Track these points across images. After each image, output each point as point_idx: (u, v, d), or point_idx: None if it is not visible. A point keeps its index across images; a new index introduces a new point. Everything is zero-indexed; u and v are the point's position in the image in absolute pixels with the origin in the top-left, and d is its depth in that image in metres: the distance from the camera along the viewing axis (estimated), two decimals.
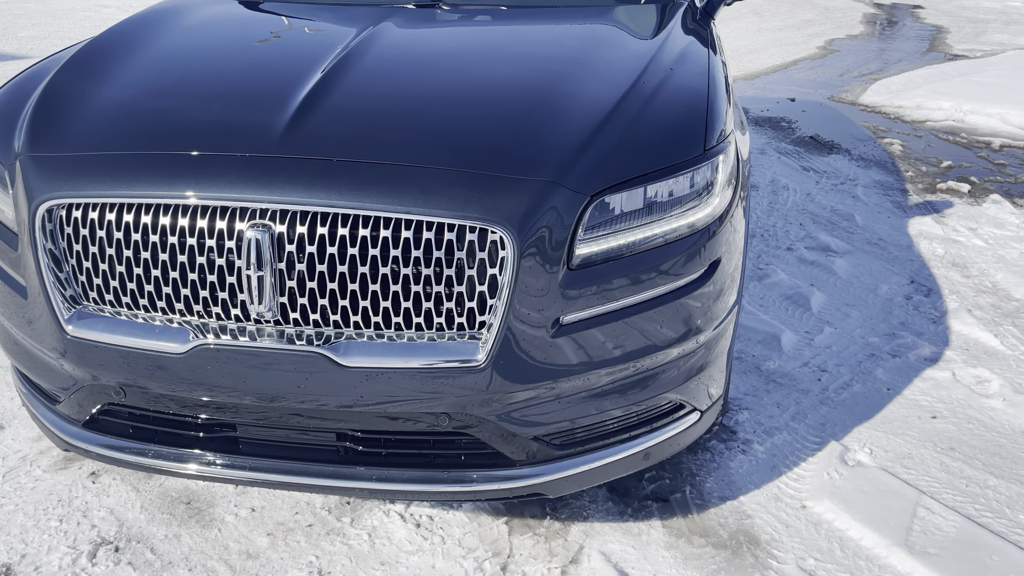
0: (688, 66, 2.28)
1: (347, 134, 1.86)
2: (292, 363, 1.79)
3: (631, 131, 1.94)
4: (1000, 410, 2.92)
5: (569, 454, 1.98)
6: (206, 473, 1.97)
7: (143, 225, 1.79)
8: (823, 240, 4.39)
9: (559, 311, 1.79)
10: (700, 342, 2.02)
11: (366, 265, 1.74)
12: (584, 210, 1.79)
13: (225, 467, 1.96)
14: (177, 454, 1.99)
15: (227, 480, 1.98)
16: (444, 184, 1.75)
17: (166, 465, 2.00)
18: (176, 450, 1.99)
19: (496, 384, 1.80)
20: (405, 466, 1.94)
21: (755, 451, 2.69)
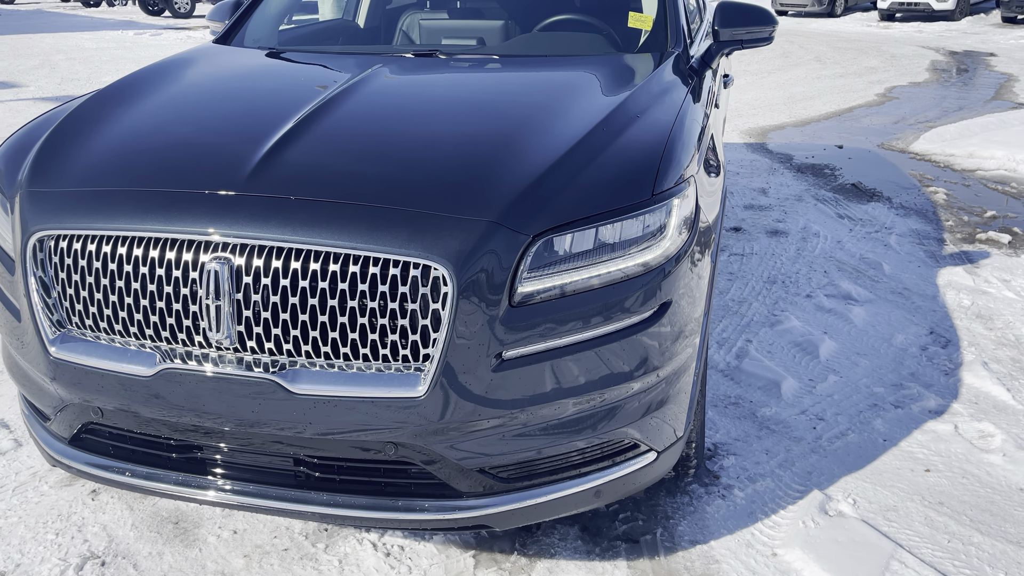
0: (656, 114, 2.34)
1: (308, 174, 1.98)
2: (247, 388, 1.89)
3: (581, 175, 2.01)
4: (999, 466, 2.83)
5: (516, 488, 2.03)
6: (173, 493, 2.08)
7: (118, 256, 1.93)
8: (845, 288, 4.34)
9: (500, 346, 1.86)
10: (651, 382, 2.05)
11: (316, 297, 1.84)
12: (526, 250, 1.86)
13: (192, 488, 2.06)
14: (149, 473, 2.11)
15: (193, 500, 2.08)
16: (390, 222, 1.84)
17: (140, 484, 2.11)
18: (149, 469, 2.11)
19: (437, 416, 1.86)
20: (356, 493, 2.01)
21: (735, 496, 2.68)
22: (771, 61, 13.92)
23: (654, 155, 2.10)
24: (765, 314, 4.04)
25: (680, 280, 2.06)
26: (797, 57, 14.52)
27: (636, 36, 3.12)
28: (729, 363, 3.54)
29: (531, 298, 1.88)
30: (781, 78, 12.10)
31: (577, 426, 2.00)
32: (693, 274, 2.13)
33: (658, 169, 2.05)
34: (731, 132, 8.31)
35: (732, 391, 3.32)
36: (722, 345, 3.72)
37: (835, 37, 18.02)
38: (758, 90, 11.02)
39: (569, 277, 1.91)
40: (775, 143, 7.88)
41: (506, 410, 1.90)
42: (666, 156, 2.12)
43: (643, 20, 3.07)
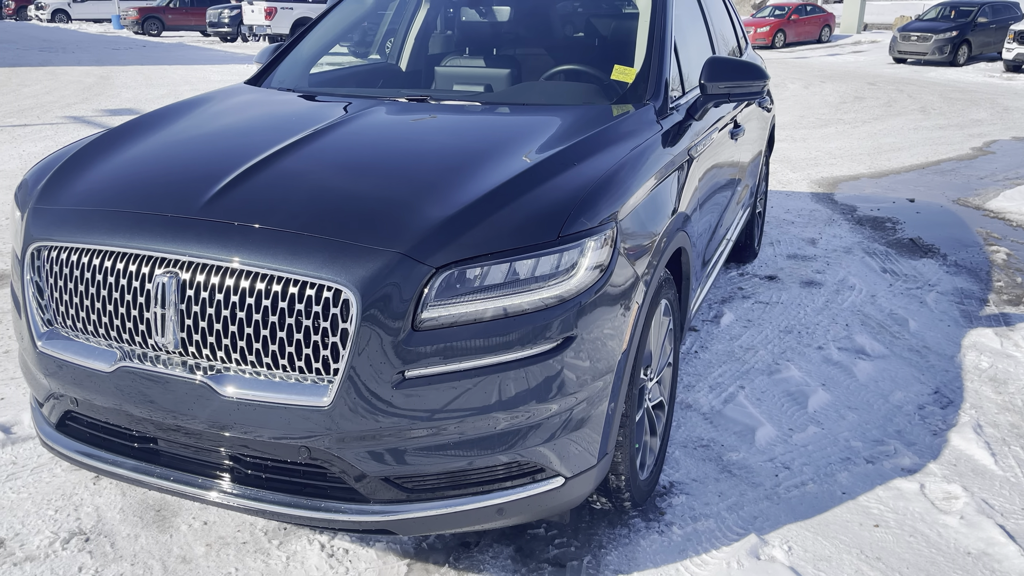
0: (594, 161, 2.50)
1: (252, 205, 2.24)
2: (185, 388, 2.16)
3: (495, 215, 2.19)
4: (952, 527, 2.80)
5: (420, 498, 2.20)
6: (130, 478, 2.36)
7: (92, 266, 2.25)
8: (860, 343, 4.30)
9: (402, 365, 2.06)
10: (553, 410, 2.19)
11: (243, 311, 2.09)
12: (430, 280, 2.06)
13: (145, 475, 2.34)
14: (113, 459, 2.40)
15: (144, 486, 2.35)
16: (310, 248, 2.08)
17: (105, 468, 2.41)
18: (113, 456, 2.40)
19: (341, 424, 2.07)
20: (279, 490, 2.24)
21: (672, 533, 2.76)
22: (871, 110, 13.63)
23: (571, 200, 2.26)
24: (768, 362, 4.07)
25: (587, 318, 2.20)
26: (901, 106, 14.15)
27: (624, 87, 3.28)
28: (713, 407, 3.60)
29: (433, 323, 2.07)
30: (875, 128, 11.85)
31: (479, 444, 2.16)
32: (608, 312, 2.27)
33: (569, 213, 2.21)
34: (800, 181, 8.25)
35: (707, 434, 3.38)
36: (713, 389, 3.78)
37: (950, 87, 17.43)
38: (846, 139, 10.83)
39: (471, 307, 2.09)
40: (843, 194, 7.77)
41: (408, 425, 2.09)
42: (585, 200, 2.28)
43: (626, 73, 3.24)
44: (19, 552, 2.67)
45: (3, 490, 2.98)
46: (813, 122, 12.25)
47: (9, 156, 8.63)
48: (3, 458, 3.18)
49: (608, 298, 2.27)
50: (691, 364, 4.04)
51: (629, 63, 3.34)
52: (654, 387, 2.97)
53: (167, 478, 2.31)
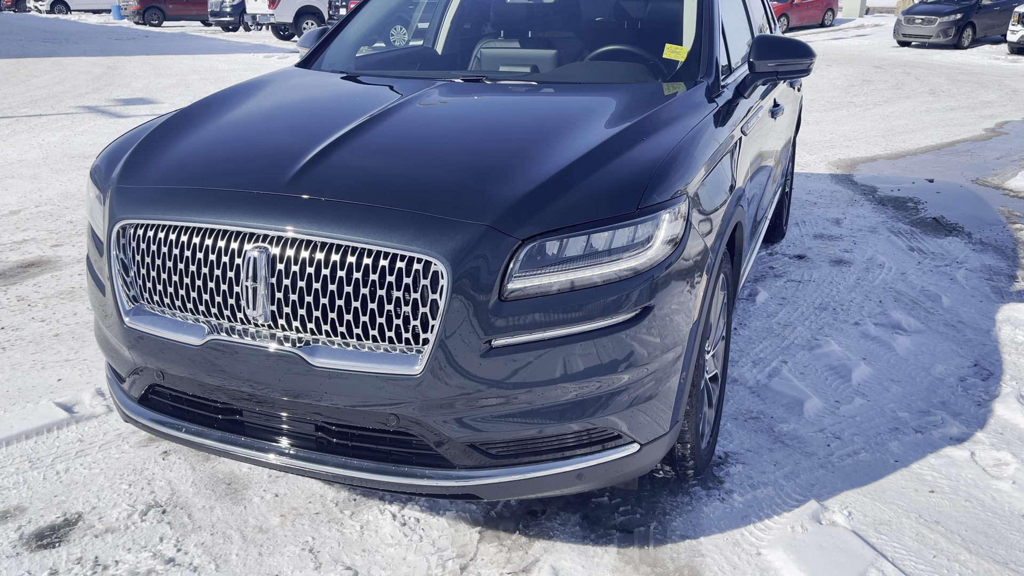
0: (661, 136, 2.56)
1: (338, 180, 2.30)
2: (275, 360, 2.22)
3: (575, 187, 2.25)
4: (1006, 492, 2.88)
5: (504, 463, 2.27)
6: (216, 448, 2.42)
7: (180, 242, 2.31)
8: (896, 318, 4.37)
9: (490, 335, 2.12)
10: (633, 378, 2.26)
11: (335, 283, 2.16)
12: (516, 252, 2.12)
13: (231, 445, 2.41)
14: (199, 431, 2.47)
15: (231, 456, 2.42)
16: (399, 222, 2.14)
17: (191, 439, 2.47)
18: (198, 427, 2.47)
19: (430, 393, 2.14)
20: (365, 458, 2.31)
21: (733, 500, 2.83)
22: (881, 93, 13.66)
23: (646, 173, 2.32)
24: (807, 338, 4.14)
25: (664, 289, 2.27)
26: (910, 89, 14.19)
27: (673, 66, 3.33)
28: (759, 381, 3.67)
29: (519, 294, 2.13)
30: (887, 110, 11.89)
31: (561, 411, 2.23)
32: (680, 285, 2.34)
33: (647, 186, 2.27)
34: (818, 163, 8.30)
35: (755, 406, 3.46)
36: (756, 364, 3.85)
37: (957, 69, 17.45)
38: (859, 122, 10.88)
39: (555, 278, 2.15)
40: (862, 175, 7.83)
41: (494, 392, 2.16)
42: (659, 174, 2.34)
43: (678, 52, 3.29)
44: (99, 524, 2.74)
45: (75, 466, 3.06)
46: (824, 105, 12.28)
47: (29, 146, 8.67)
48: (69, 436, 3.25)
49: (682, 269, 2.33)
50: (732, 341, 4.10)
51: (675, 42, 3.40)
52: (710, 360, 3.04)
53: (253, 448, 2.38)
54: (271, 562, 2.57)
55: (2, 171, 7.66)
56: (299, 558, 2.58)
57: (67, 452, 3.14)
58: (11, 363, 3.88)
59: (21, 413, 3.40)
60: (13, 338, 4.16)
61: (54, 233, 5.81)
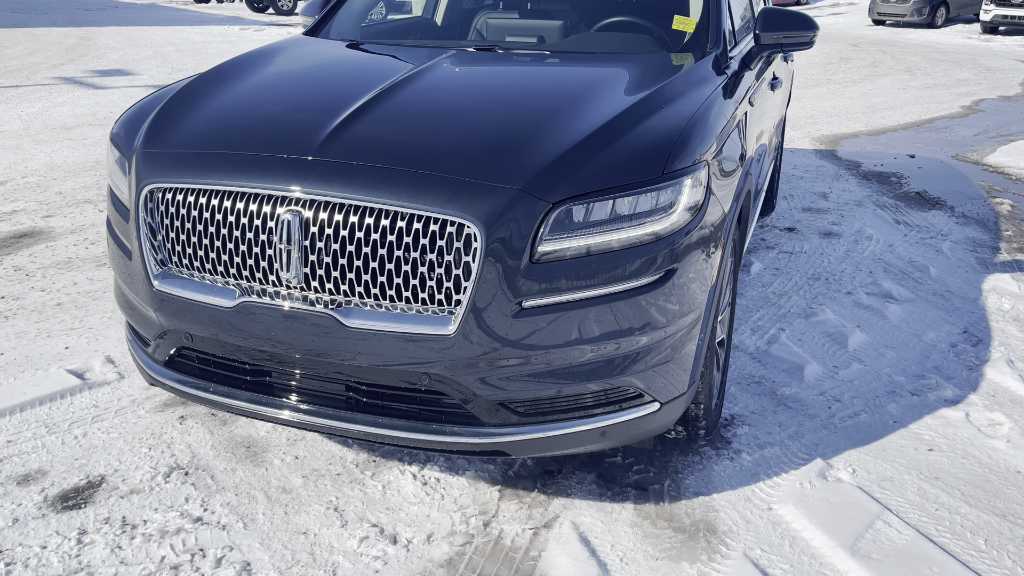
0: (679, 105, 2.62)
1: (369, 144, 2.34)
2: (309, 321, 2.27)
3: (602, 153, 2.31)
4: (1001, 450, 3.00)
5: (532, 421, 2.35)
6: (244, 410, 2.47)
7: (211, 206, 2.34)
8: (886, 287, 4.49)
9: (521, 296, 2.18)
10: (655, 340, 2.34)
11: (368, 246, 2.20)
12: (547, 215, 2.18)
13: (259, 406, 2.45)
14: (227, 392, 2.51)
15: (259, 417, 2.47)
16: (433, 186, 2.19)
17: (219, 400, 2.51)
18: (227, 388, 2.51)
19: (464, 352, 2.20)
20: (396, 416, 2.37)
21: (742, 459, 2.93)
22: (858, 71, 13.81)
23: (669, 140, 2.39)
24: (803, 307, 4.25)
25: (686, 253, 2.34)
26: (886, 67, 14.35)
27: (681, 37, 3.39)
28: (759, 347, 3.77)
29: (549, 256, 2.19)
30: (865, 87, 12.04)
31: (586, 371, 2.30)
32: (700, 250, 2.41)
33: (671, 152, 2.34)
34: (802, 138, 8.41)
35: (757, 372, 3.56)
36: (755, 331, 3.95)
37: (931, 48, 17.67)
38: (839, 99, 11.01)
39: (584, 241, 2.22)
40: (845, 151, 7.95)
41: (524, 352, 2.23)
42: (680, 141, 2.40)
43: (687, 23, 3.35)
44: (123, 486, 2.78)
45: (92, 431, 3.08)
46: (804, 82, 12.40)
47: (9, 117, 8.54)
48: (84, 402, 3.27)
49: (702, 235, 2.41)
50: None
51: (682, 13, 3.45)
52: (718, 325, 3.13)
53: (283, 408, 2.43)
54: (297, 520, 2.63)
55: None
56: (325, 516, 2.64)
57: (83, 417, 3.17)
58: (15, 332, 3.88)
59: (32, 380, 3.41)
60: (15, 307, 4.15)
61: (44, 204, 5.76)
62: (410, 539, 2.55)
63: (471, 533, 2.58)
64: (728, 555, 2.48)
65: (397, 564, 2.45)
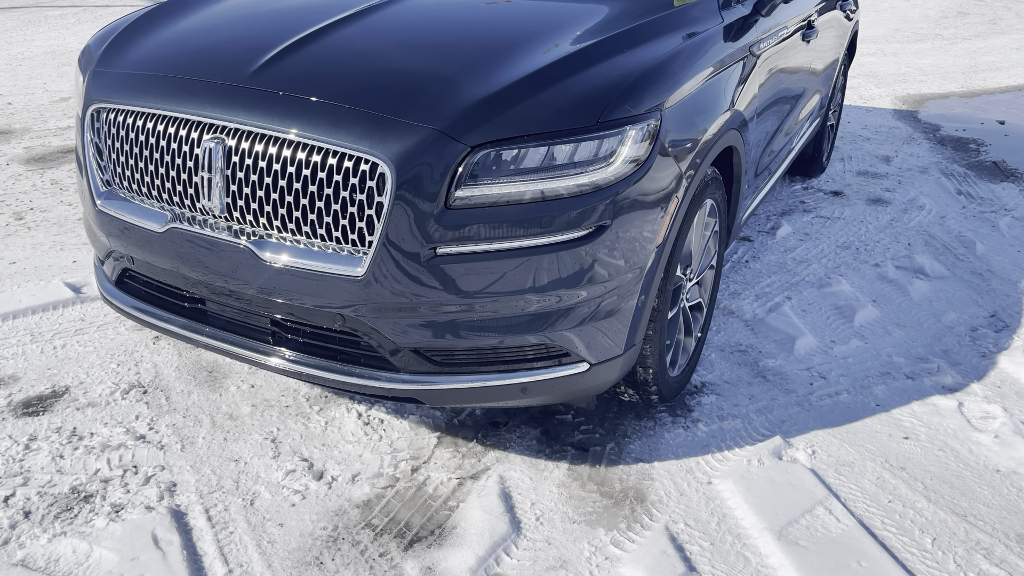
0: (647, 48, 2.45)
1: (298, 76, 2.28)
2: (228, 252, 2.26)
3: (535, 96, 2.18)
4: (985, 445, 2.78)
5: (448, 371, 2.29)
6: (180, 334, 2.49)
7: (146, 129, 2.34)
8: (920, 262, 4.19)
9: (434, 242, 2.10)
10: (582, 298, 2.23)
11: (284, 179, 2.16)
12: (464, 158, 2.08)
13: (192, 332, 2.47)
14: (166, 317, 2.54)
15: (192, 342, 2.49)
16: (349, 120, 2.12)
17: (158, 324, 2.55)
18: (166, 313, 2.54)
19: (374, 296, 2.15)
20: (314, 355, 2.35)
21: (698, 429, 2.81)
22: (973, 27, 12.80)
23: (614, 86, 2.23)
24: (820, 276, 4.01)
25: (621, 210, 2.20)
26: (1007, 24, 13.25)
27: None
28: (756, 315, 3.59)
29: (467, 203, 2.10)
30: (974, 45, 11.15)
31: (505, 325, 2.22)
32: (644, 206, 2.27)
33: (611, 99, 2.19)
34: (883, 97, 7.89)
35: (746, 340, 3.39)
36: (759, 298, 3.75)
37: None
38: (941, 56, 10.25)
39: (505, 189, 2.11)
40: (928, 112, 7.42)
41: (436, 300, 2.16)
42: (629, 88, 2.25)
43: None
44: (82, 399, 2.87)
45: (72, 343, 3.19)
46: (908, 36, 11.59)
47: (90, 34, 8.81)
48: (73, 315, 3.39)
49: (646, 190, 2.26)
50: (740, 272, 4.01)
51: None
52: (693, 288, 2.97)
53: (213, 337, 2.44)
54: (233, 447, 2.67)
55: (63, 58, 7.85)
56: (260, 447, 2.67)
57: (67, 329, 3.29)
58: (33, 242, 4.04)
59: (32, 290, 3.56)
60: (40, 219, 4.32)
61: None
62: (335, 477, 2.55)
63: (397, 476, 2.56)
64: (649, 526, 2.39)
65: (315, 500, 2.46)
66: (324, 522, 2.38)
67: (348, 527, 2.36)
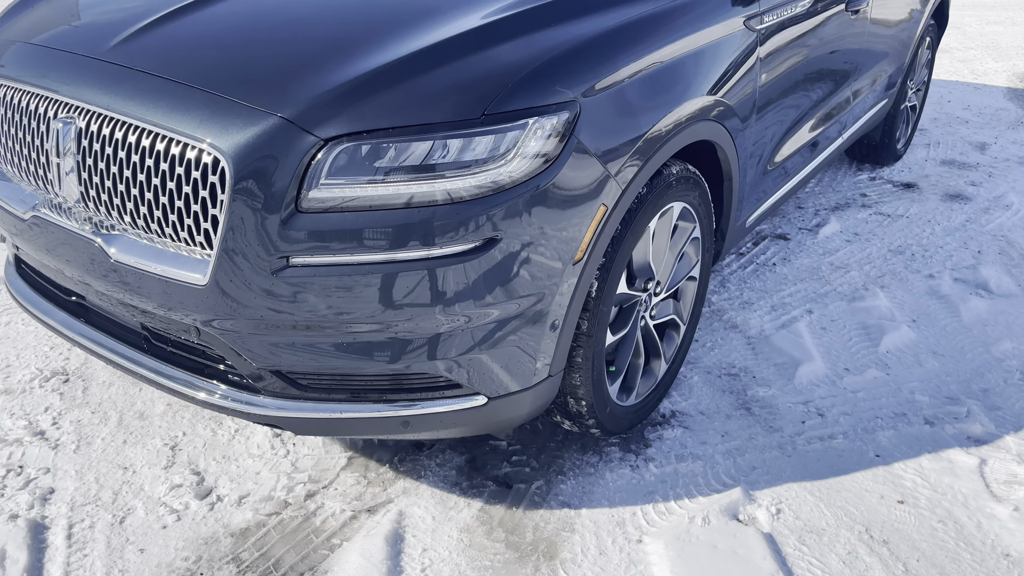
0: (578, 25, 2.02)
1: (156, 52, 1.98)
2: (83, 244, 2.01)
3: (410, 83, 1.82)
4: (999, 520, 2.26)
5: (316, 397, 1.98)
6: (58, 330, 2.28)
7: (10, 102, 2.11)
8: (985, 275, 3.57)
9: (284, 250, 1.78)
10: (463, 323, 1.87)
11: (129, 169, 1.88)
12: (317, 154, 1.75)
13: (70, 330, 2.25)
14: (47, 309, 2.33)
15: (68, 340, 2.27)
16: (193, 104, 1.81)
17: (38, 315, 2.33)
18: (48, 305, 2.33)
19: (220, 306, 1.85)
20: (180, 366, 2.08)
21: (647, 471, 2.41)
22: None
23: (512, 71, 1.84)
24: (856, 286, 3.46)
25: (519, 218, 1.83)
26: None
27: None
28: (763, 331, 3.11)
29: (322, 206, 1.77)
30: None
31: (374, 350, 1.89)
32: (552, 216, 1.88)
33: (507, 87, 1.80)
34: (998, 73, 6.98)
35: (742, 361, 2.92)
36: (775, 309, 3.26)
37: None
38: None
39: (369, 191, 1.77)
40: None
41: (291, 317, 1.84)
42: (535, 74, 1.85)
43: None
44: (1, 384, 2.73)
45: (15, 320, 3.07)
46: None
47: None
48: None
49: (554, 197, 1.87)
50: (761, 277, 3.51)
51: None
52: (661, 304, 2.55)
53: (87, 337, 2.22)
54: (129, 453, 2.46)
55: None
56: (157, 454, 2.46)
57: (15, 306, 3.16)
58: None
59: None
60: None
61: None
62: (222, 496, 2.31)
63: (287, 502, 2.29)
64: None
65: (189, 523, 2.22)
66: (189, 551, 2.13)
67: (212, 560, 2.11)
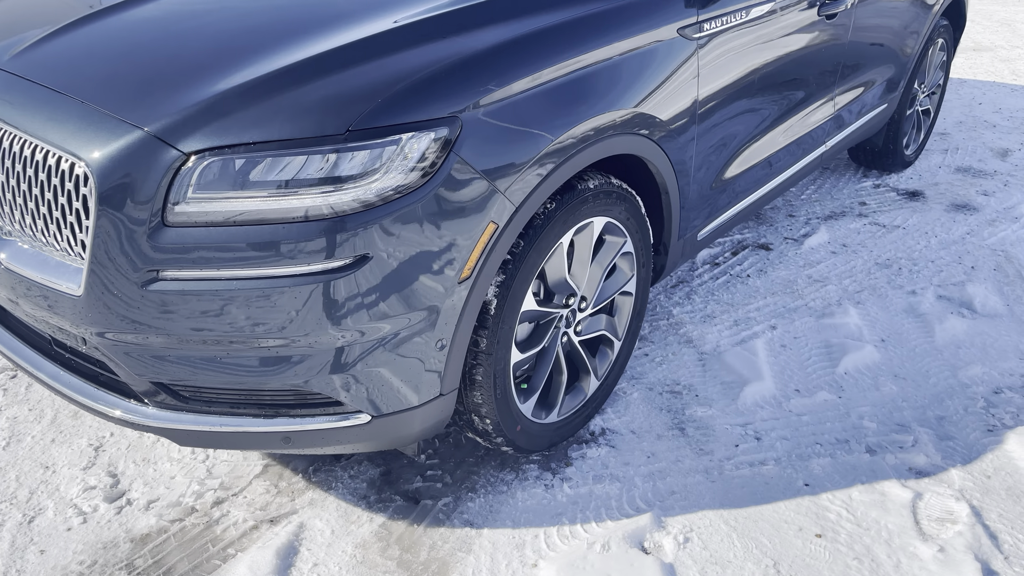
0: (473, 37, 1.97)
1: (47, 61, 2.00)
2: None
3: (280, 97, 1.79)
4: (920, 561, 2.14)
5: (198, 409, 1.97)
6: None
7: None
8: (972, 293, 3.39)
9: (151, 264, 1.78)
10: (340, 340, 1.84)
11: (14, 178, 1.90)
12: (181, 168, 1.74)
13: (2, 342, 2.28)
14: None
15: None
16: (66, 114, 1.83)
17: None
18: None
19: (94, 317, 1.86)
20: (78, 375, 2.10)
21: (560, 492, 2.35)
22: None
23: (385, 84, 1.80)
24: (830, 301, 3.32)
25: (394, 235, 1.79)
26: None
27: None
28: (718, 347, 3.00)
29: (189, 220, 1.76)
30: None
31: (249, 365, 1.87)
32: (431, 232, 1.83)
33: (378, 102, 1.76)
34: None
35: (688, 379, 2.83)
36: (737, 324, 3.15)
37: None
38: None
39: (235, 205, 1.75)
40: None
41: (164, 331, 1.84)
42: (411, 88, 1.81)
43: None
44: None
45: None
46: None
47: None
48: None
49: (433, 215, 1.83)
50: (731, 289, 3.40)
51: None
52: (591, 319, 2.49)
53: (9, 347, 2.24)
54: (54, 452, 2.50)
55: None
56: (80, 454, 2.49)
57: None
58: None
59: None
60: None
61: None
62: (132, 500, 2.33)
63: (193, 508, 2.30)
64: None
65: (94, 526, 2.25)
66: (86, 555, 2.16)
67: (105, 565, 2.13)
